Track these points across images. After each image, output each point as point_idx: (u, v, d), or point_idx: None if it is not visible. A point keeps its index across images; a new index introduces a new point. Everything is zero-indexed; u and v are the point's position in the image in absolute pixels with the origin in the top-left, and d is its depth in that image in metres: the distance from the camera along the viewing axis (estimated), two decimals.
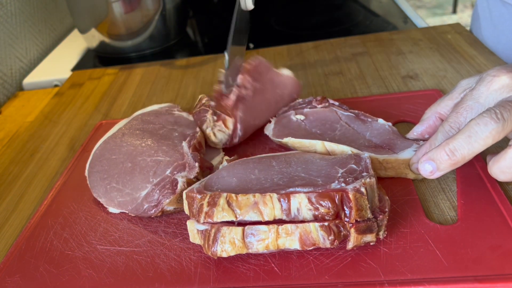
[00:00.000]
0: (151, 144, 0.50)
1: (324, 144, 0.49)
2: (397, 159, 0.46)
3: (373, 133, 0.51)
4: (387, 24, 0.96)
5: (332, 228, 0.37)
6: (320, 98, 0.56)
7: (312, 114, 0.55)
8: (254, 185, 0.41)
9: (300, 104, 0.57)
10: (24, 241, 0.46)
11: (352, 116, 0.53)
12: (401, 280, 0.36)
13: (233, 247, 0.38)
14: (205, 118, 0.53)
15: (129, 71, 0.86)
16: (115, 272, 0.41)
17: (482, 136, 0.39)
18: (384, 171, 0.47)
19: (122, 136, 0.53)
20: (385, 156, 0.47)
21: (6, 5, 0.90)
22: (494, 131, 0.38)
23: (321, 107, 0.55)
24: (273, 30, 1.02)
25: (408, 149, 0.47)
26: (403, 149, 0.47)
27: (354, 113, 0.54)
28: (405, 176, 0.47)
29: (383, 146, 0.49)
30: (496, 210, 0.42)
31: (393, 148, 0.48)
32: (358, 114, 0.53)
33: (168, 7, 0.93)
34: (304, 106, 0.56)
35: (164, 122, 0.55)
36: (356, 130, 0.52)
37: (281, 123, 0.55)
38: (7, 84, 0.89)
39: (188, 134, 0.52)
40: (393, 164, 0.47)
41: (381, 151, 0.48)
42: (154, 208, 0.46)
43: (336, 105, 0.55)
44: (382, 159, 0.46)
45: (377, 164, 0.47)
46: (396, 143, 0.49)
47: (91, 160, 0.52)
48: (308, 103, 0.56)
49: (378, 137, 0.50)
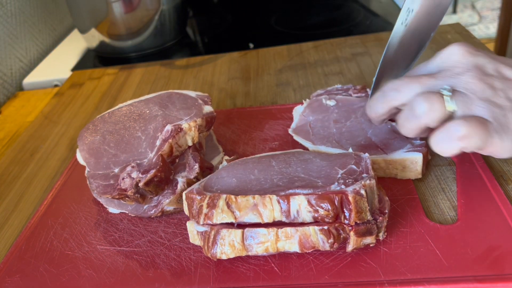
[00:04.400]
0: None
1: (314, 149, 0.51)
2: (384, 159, 0.47)
3: (375, 131, 0.51)
4: (387, 24, 0.96)
5: (332, 231, 0.37)
6: (360, 87, 0.57)
7: (342, 101, 0.56)
8: (253, 185, 0.41)
9: (338, 90, 0.58)
10: (24, 241, 0.46)
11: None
12: (401, 280, 0.36)
13: (232, 250, 0.38)
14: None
15: (129, 71, 0.86)
16: (115, 272, 0.41)
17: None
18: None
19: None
20: (372, 156, 0.47)
21: (6, 5, 0.90)
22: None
23: (357, 96, 0.56)
24: (273, 30, 1.02)
25: (400, 150, 0.47)
26: (396, 150, 0.47)
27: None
28: (394, 177, 0.47)
29: (379, 145, 0.49)
30: (496, 210, 0.42)
31: (387, 148, 0.48)
32: None
33: (168, 7, 0.93)
34: (340, 92, 0.57)
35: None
36: (361, 126, 0.52)
37: (312, 105, 0.57)
38: (7, 84, 0.89)
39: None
40: (380, 164, 0.47)
41: (371, 152, 0.48)
42: (154, 208, 0.46)
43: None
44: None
45: None
46: (392, 144, 0.49)
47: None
48: (345, 90, 0.58)
49: (378, 135, 0.51)
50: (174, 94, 0.55)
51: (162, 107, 0.52)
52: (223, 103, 0.70)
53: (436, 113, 0.39)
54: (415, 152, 0.46)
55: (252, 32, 1.02)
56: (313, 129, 0.53)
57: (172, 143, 0.46)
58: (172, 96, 0.55)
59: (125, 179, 0.44)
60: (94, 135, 0.51)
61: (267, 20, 1.07)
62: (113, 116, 0.53)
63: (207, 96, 0.55)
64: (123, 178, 0.44)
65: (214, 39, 1.03)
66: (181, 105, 0.52)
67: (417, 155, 0.46)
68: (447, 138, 0.39)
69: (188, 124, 0.48)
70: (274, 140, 0.57)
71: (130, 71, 0.86)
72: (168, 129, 0.47)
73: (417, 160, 0.46)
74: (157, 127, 0.48)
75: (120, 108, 0.54)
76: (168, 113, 0.50)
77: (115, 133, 0.50)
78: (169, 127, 0.47)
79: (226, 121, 0.62)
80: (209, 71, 0.82)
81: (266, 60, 0.82)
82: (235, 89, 0.74)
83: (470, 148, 0.39)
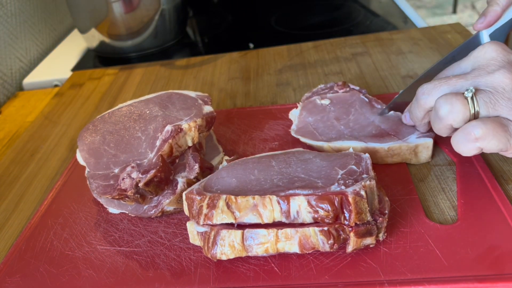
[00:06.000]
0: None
1: (329, 146, 0.51)
2: (401, 146, 0.49)
3: (381, 119, 0.53)
4: (387, 24, 0.96)
5: (332, 232, 0.37)
6: (341, 83, 0.59)
7: (335, 98, 0.58)
8: (253, 186, 0.41)
9: (323, 89, 0.60)
10: (24, 241, 0.46)
11: (365, 101, 0.56)
12: (401, 280, 0.36)
13: (232, 250, 0.38)
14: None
15: (129, 71, 0.86)
16: (115, 272, 0.41)
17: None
18: (391, 158, 0.50)
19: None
20: (390, 144, 0.49)
21: (6, 5, 0.90)
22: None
23: (343, 91, 0.58)
24: (273, 30, 1.02)
25: (412, 135, 0.49)
26: (408, 135, 0.50)
27: (368, 98, 0.56)
28: (409, 162, 0.50)
29: (390, 132, 0.51)
30: (496, 210, 0.42)
31: (399, 134, 0.50)
32: (371, 99, 0.56)
33: (168, 7, 0.93)
34: (327, 91, 0.59)
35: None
36: (365, 116, 0.54)
37: (307, 108, 0.57)
38: (7, 84, 0.89)
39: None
40: (397, 151, 0.49)
41: (387, 139, 0.50)
42: (154, 208, 0.46)
43: (356, 89, 0.58)
44: (388, 148, 0.49)
45: (383, 152, 0.49)
46: (402, 129, 0.51)
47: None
48: (330, 88, 0.59)
49: (386, 123, 0.53)
50: (174, 94, 0.55)
51: (162, 108, 0.52)
52: (223, 103, 0.70)
53: (458, 115, 0.40)
54: (426, 138, 0.49)
55: (252, 32, 1.02)
56: (317, 130, 0.54)
57: (172, 143, 0.46)
58: (172, 96, 0.55)
59: (125, 179, 0.44)
60: (94, 135, 0.51)
61: (267, 20, 1.07)
62: (113, 117, 0.53)
63: (207, 96, 0.55)
64: (123, 178, 0.44)
65: (214, 39, 1.03)
66: (181, 105, 0.52)
67: (428, 140, 0.48)
68: (465, 139, 0.39)
69: (188, 124, 0.48)
70: (274, 140, 0.57)
71: (130, 71, 0.86)
72: (168, 130, 0.47)
73: (428, 145, 0.48)
74: (157, 128, 0.48)
75: (120, 108, 0.54)
76: (168, 114, 0.50)
77: (115, 134, 0.50)
78: (169, 127, 0.47)
79: (226, 121, 0.62)
80: (209, 71, 0.82)
81: (266, 60, 0.82)
82: (235, 89, 0.74)
83: (491, 149, 0.39)
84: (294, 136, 0.54)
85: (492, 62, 0.41)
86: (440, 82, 0.43)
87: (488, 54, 0.42)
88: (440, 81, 0.43)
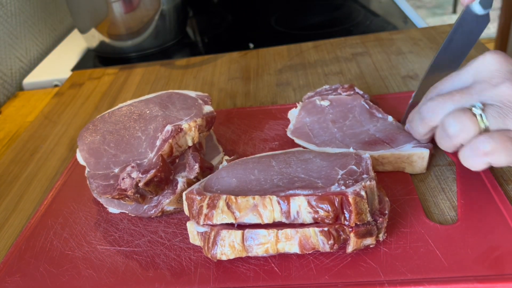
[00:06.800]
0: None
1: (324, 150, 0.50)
2: (393, 154, 0.47)
3: (379, 127, 0.52)
4: (387, 24, 0.96)
5: (332, 232, 0.37)
6: (348, 86, 0.58)
7: (336, 100, 0.57)
8: (253, 186, 0.41)
9: (327, 90, 0.59)
10: (24, 241, 0.46)
11: (365, 108, 0.55)
12: (401, 280, 0.36)
13: (232, 251, 0.38)
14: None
15: (129, 71, 0.86)
16: (115, 272, 0.41)
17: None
18: (381, 166, 0.48)
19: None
20: (380, 152, 0.48)
21: (6, 5, 0.90)
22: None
23: (346, 94, 0.57)
24: (273, 30, 1.02)
25: (408, 144, 0.48)
26: (403, 144, 0.48)
27: (369, 105, 0.55)
28: (402, 170, 0.48)
29: (385, 141, 0.50)
30: (496, 210, 0.42)
31: (393, 142, 0.49)
32: (372, 107, 0.55)
33: (168, 7, 0.93)
34: (330, 92, 0.58)
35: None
36: (362, 124, 0.53)
37: (306, 108, 0.57)
38: (7, 84, 0.89)
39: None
40: (389, 158, 0.48)
41: (378, 147, 0.48)
42: (154, 208, 0.46)
43: (360, 94, 0.57)
44: (378, 156, 0.48)
45: (373, 160, 0.48)
46: (398, 138, 0.49)
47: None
48: (334, 90, 0.58)
49: (382, 132, 0.51)
50: (174, 94, 0.55)
51: (162, 107, 0.52)
52: (223, 103, 0.70)
53: (469, 133, 0.39)
54: (422, 148, 0.47)
55: (252, 32, 1.02)
56: (313, 131, 0.53)
57: (172, 143, 0.46)
58: (172, 96, 0.55)
59: (125, 179, 0.44)
60: (94, 135, 0.51)
61: (267, 20, 1.07)
62: (113, 116, 0.53)
63: (207, 96, 0.55)
64: (123, 178, 0.44)
65: (214, 39, 1.03)
66: (181, 105, 0.52)
67: (424, 150, 0.47)
68: (473, 154, 0.39)
69: (188, 124, 0.48)
70: (274, 140, 0.57)
71: (130, 71, 0.86)
72: (168, 129, 0.47)
73: (424, 156, 0.47)
74: (157, 127, 0.48)
75: (120, 108, 0.54)
76: (168, 113, 0.50)
77: (115, 133, 0.50)
78: (169, 127, 0.47)
79: (226, 121, 0.62)
80: (209, 71, 0.82)
81: (266, 60, 0.82)
82: (235, 89, 0.74)
83: (500, 163, 0.39)
84: (289, 136, 0.54)
85: (496, 74, 0.40)
86: (444, 99, 0.42)
87: (490, 65, 0.41)
88: (444, 97, 0.42)
